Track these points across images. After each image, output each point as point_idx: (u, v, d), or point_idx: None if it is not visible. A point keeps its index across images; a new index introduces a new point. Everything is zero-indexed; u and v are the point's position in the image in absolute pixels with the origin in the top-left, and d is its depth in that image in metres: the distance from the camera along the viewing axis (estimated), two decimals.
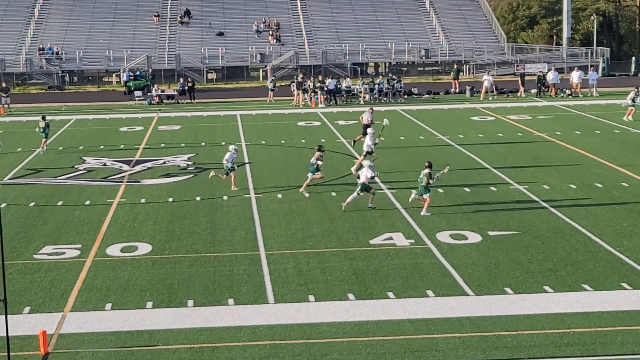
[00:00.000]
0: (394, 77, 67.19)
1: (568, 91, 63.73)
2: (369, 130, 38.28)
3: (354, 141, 42.64)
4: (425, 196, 29.74)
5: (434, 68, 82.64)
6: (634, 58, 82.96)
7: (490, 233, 27.11)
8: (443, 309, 20.69)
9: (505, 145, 42.76)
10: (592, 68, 70.20)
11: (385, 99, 63.25)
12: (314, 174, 33.23)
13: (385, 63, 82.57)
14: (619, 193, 32.19)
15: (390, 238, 26.76)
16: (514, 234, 26.95)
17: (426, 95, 65.77)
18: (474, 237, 26.71)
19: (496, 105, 59.02)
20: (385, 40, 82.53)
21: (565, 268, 23.52)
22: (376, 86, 63.29)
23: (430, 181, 29.61)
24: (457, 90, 67.34)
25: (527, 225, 27.89)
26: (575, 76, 64.54)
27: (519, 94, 64.85)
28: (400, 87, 64.90)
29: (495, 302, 21.08)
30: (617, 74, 79.87)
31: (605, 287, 21.96)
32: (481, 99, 63.15)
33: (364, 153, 36.18)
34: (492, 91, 64.32)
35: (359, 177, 30.70)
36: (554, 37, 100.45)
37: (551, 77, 64.83)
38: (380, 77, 67.10)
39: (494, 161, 38.46)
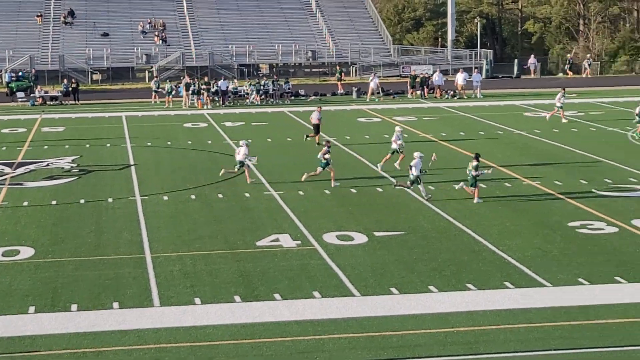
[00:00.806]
0: (279, 78, 67.28)
1: (452, 93, 64.75)
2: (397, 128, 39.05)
3: (307, 136, 44.14)
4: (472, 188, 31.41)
5: (320, 69, 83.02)
6: (516, 60, 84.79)
7: (377, 234, 27.35)
8: (329, 309, 20.78)
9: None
10: (476, 70, 71.59)
11: (272, 100, 63.29)
12: (324, 168, 34.04)
13: (272, 64, 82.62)
14: (502, 193, 32.85)
15: (277, 239, 26.77)
16: (399, 235, 27.24)
17: (313, 97, 66.02)
18: (360, 238, 26.90)
19: (382, 107, 59.61)
20: (272, 42, 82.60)
21: (449, 268, 23.88)
22: (262, 87, 63.28)
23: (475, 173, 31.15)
24: (342, 92, 67.78)
25: (413, 226, 28.23)
26: (459, 78, 65.62)
27: (409, 95, 65.43)
28: (289, 89, 65.04)
29: (381, 302, 21.26)
30: (500, 75, 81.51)
31: (488, 286, 22.36)
32: (367, 100, 63.69)
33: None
34: (379, 93, 64.93)
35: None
36: (439, 39, 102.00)
37: (436, 78, 65.80)
38: (265, 78, 67.14)
39: (378, 161, 38.82)
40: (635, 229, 27.56)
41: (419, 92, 65.25)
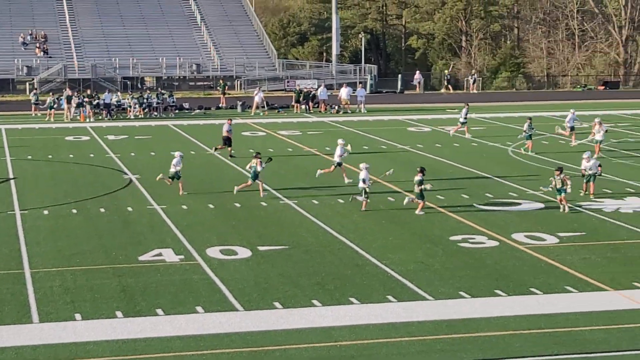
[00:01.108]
0: (163, 91, 66.77)
1: (337, 107, 65.21)
2: (339, 140, 38.71)
3: (216, 149, 44.67)
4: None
5: (205, 83, 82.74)
6: (400, 75, 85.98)
7: (260, 248, 27.32)
8: (212, 325, 20.64)
9: (275, 160, 43.28)
10: (360, 85, 72.26)
11: (155, 113, 62.73)
12: (254, 180, 34.57)
13: (155, 77, 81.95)
14: (386, 207, 33.18)
15: (160, 254, 26.50)
16: (283, 249, 27.26)
17: (197, 110, 65.67)
18: (244, 253, 26.83)
19: (267, 121, 59.68)
20: (157, 55, 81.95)
21: (333, 282, 23.98)
22: (145, 100, 62.68)
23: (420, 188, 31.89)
24: (225, 106, 67.60)
25: (297, 240, 28.29)
26: (344, 92, 66.13)
27: (295, 110, 65.58)
28: (173, 102, 64.57)
29: (264, 317, 21.21)
30: (385, 90, 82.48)
31: (371, 300, 22.52)
32: (252, 114, 63.67)
33: (336, 164, 37.42)
34: (263, 107, 64.98)
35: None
36: (324, 53, 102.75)
37: (320, 93, 66.18)
38: (148, 91, 66.53)
39: (265, 176, 38.82)
40: (515, 242, 28.13)
41: (303, 107, 65.52)
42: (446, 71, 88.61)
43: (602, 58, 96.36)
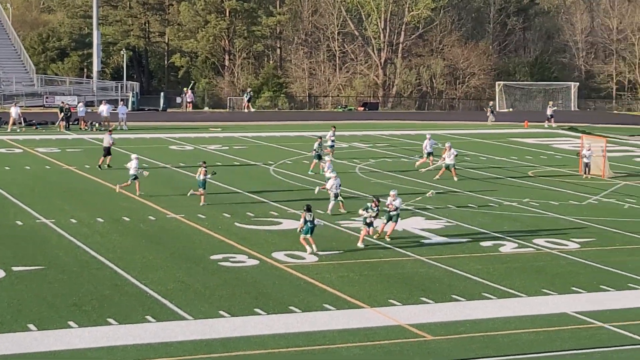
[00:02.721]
0: None
1: (97, 124, 64.01)
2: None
3: (99, 166, 45.45)
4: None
5: None
6: (162, 93, 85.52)
7: (15, 268, 26.45)
8: None
9: (33, 178, 42.12)
10: (122, 102, 71.32)
11: None
12: (204, 188, 36.89)
13: None
14: (146, 226, 32.89)
15: None
16: (39, 269, 26.51)
17: None
18: None
19: (24, 137, 57.94)
20: None
21: (90, 302, 23.52)
22: None
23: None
24: None
25: (54, 260, 27.58)
26: (103, 110, 64.98)
27: (57, 127, 63.66)
28: None
29: (17, 339, 20.52)
30: (147, 108, 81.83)
31: (130, 320, 22.23)
32: (8, 130, 61.61)
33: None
34: (20, 123, 63.01)
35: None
36: (85, 69, 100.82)
37: (80, 110, 64.80)
38: None
39: (20, 194, 37.68)
40: (274, 261, 28.51)
41: (62, 123, 63.93)
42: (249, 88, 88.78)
43: (362, 79, 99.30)
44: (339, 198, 36.34)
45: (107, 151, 46.07)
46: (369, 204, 31.19)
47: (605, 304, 25.08)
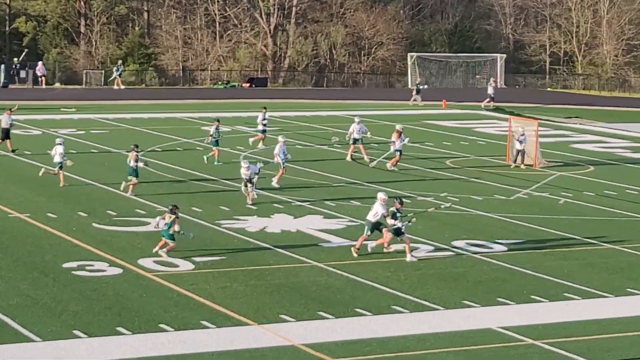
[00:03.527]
0: None
1: None
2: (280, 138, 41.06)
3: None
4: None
5: None
6: (3, 66, 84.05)
7: None
8: None
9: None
10: None
11: None
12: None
13: None
14: None
15: None
16: None
17: None
18: None
19: None
20: None
21: None
22: None
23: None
24: None
25: None
26: None
27: None
28: None
29: None
30: None
31: None
32: None
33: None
34: None
35: None
36: None
37: None
38: None
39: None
40: (141, 269, 28.36)
41: None
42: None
43: (248, 50, 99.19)
44: (250, 187, 37.03)
45: (5, 133, 47.21)
46: (394, 209, 30.93)
47: (536, 317, 25.57)
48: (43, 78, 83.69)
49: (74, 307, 24.74)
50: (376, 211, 30.88)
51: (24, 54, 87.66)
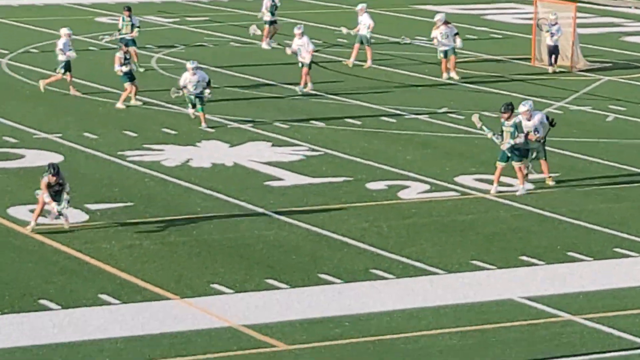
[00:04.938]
0: None
1: None
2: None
3: None
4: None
5: None
6: None
7: None
8: None
9: None
10: None
11: None
12: None
13: None
14: None
15: None
16: None
17: None
18: None
19: None
20: None
21: None
22: None
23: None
24: None
25: None
26: None
27: None
28: None
29: None
30: None
31: None
32: None
33: None
34: None
35: None
36: None
37: None
38: None
39: None
40: (13, 222, 28.43)
41: None
42: None
43: None
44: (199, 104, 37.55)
45: None
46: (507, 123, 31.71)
47: (575, 283, 25.65)
48: None
49: None
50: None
51: None
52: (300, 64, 43.23)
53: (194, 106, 37.61)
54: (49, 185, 27.29)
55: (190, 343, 22.01)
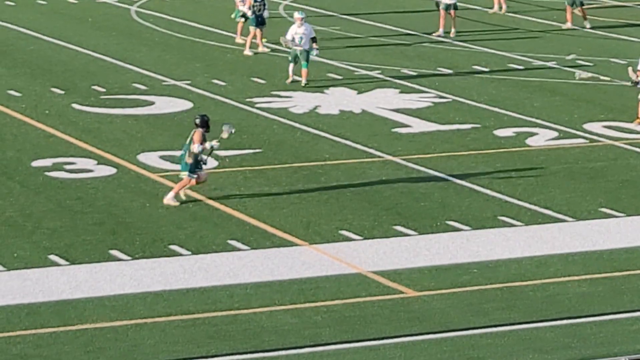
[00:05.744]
0: None
1: None
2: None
3: None
4: None
5: None
6: None
7: None
8: None
9: None
10: None
11: None
12: None
13: None
14: None
15: None
16: None
17: None
18: None
19: None
20: None
21: None
22: None
23: None
24: None
25: None
26: None
27: None
28: None
29: None
30: None
31: None
32: None
33: None
34: None
35: None
36: None
37: None
38: None
39: None
40: (143, 168, 28.63)
41: None
42: None
43: None
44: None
45: None
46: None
47: None
48: None
49: (50, 223, 24.95)
50: None
51: None
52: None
53: (295, 62, 36.68)
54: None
55: (319, 289, 22.10)
